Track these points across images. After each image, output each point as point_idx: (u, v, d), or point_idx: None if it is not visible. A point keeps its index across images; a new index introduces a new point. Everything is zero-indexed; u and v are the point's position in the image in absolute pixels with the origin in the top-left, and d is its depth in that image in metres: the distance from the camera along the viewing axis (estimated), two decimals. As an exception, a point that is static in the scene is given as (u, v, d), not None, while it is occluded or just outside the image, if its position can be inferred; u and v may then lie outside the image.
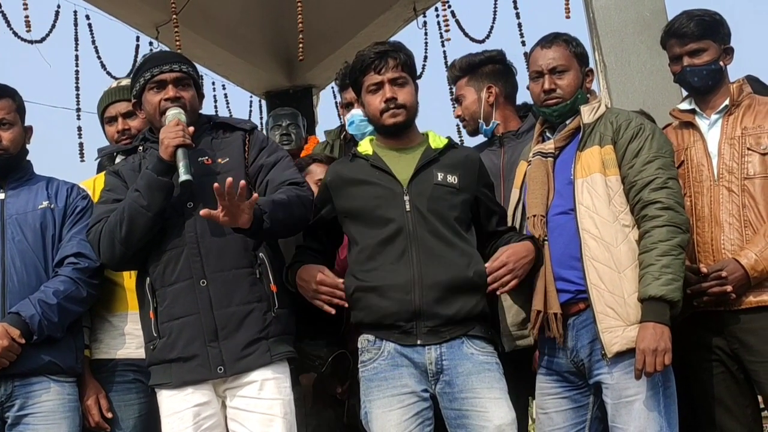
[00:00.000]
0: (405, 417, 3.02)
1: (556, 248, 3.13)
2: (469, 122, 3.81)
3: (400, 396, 3.03)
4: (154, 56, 3.40)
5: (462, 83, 3.82)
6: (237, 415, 3.08)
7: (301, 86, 7.08)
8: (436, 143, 3.24)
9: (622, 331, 3.00)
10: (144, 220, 3.08)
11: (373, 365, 3.08)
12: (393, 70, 3.17)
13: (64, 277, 3.24)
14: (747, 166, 3.30)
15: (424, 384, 3.05)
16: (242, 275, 3.11)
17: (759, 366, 3.21)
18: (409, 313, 3.04)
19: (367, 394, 3.09)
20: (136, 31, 6.54)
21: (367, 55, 3.18)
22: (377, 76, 3.17)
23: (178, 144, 3.06)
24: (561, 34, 3.32)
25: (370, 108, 3.21)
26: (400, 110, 3.17)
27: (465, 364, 3.04)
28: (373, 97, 3.19)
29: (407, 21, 6.79)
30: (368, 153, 3.23)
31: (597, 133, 3.19)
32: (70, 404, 3.22)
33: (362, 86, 3.23)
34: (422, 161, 3.18)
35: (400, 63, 3.18)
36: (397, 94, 3.16)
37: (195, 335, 3.07)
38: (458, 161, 3.21)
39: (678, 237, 3.03)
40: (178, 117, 3.13)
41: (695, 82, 3.41)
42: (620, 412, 3.03)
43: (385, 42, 3.31)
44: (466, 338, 3.06)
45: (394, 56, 3.17)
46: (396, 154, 3.21)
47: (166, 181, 3.07)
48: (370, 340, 3.11)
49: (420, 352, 3.04)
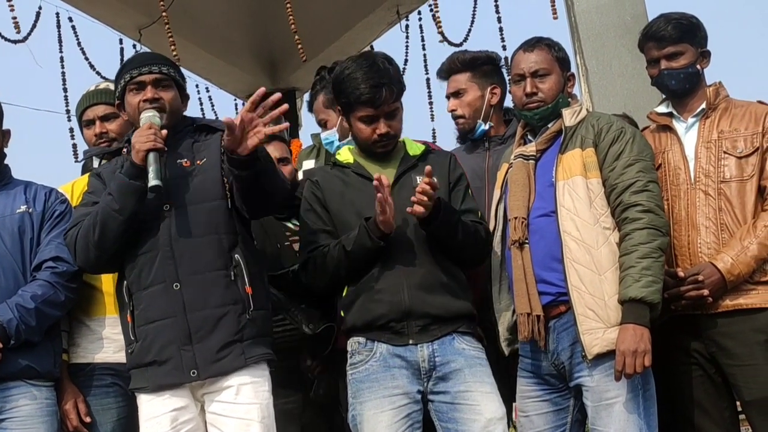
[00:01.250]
0: (396, 419, 3.03)
1: (537, 250, 3.14)
2: (468, 120, 3.76)
3: (392, 397, 3.05)
4: (134, 58, 3.39)
5: (463, 78, 3.77)
6: (215, 420, 3.07)
7: (285, 89, 7.05)
8: (413, 150, 3.29)
9: (603, 333, 3.01)
10: (116, 224, 3.07)
11: (365, 366, 3.10)
12: (389, 104, 3.16)
13: (42, 281, 3.22)
14: (723, 170, 3.32)
15: (416, 384, 3.08)
16: (217, 277, 3.09)
17: (736, 369, 3.23)
18: (400, 313, 3.07)
19: (357, 396, 3.10)
20: (119, 34, 6.53)
21: (362, 90, 3.12)
22: (372, 110, 3.15)
23: (149, 148, 3.04)
24: (543, 39, 3.33)
25: (361, 135, 3.22)
26: (392, 141, 3.22)
27: (457, 359, 3.07)
28: (365, 127, 3.19)
29: (390, 24, 6.80)
30: (349, 162, 3.26)
31: (578, 136, 3.20)
32: (48, 409, 3.20)
33: (351, 111, 3.19)
34: (402, 168, 3.21)
35: (395, 94, 3.17)
36: (391, 127, 3.18)
37: (170, 339, 3.06)
38: (435, 164, 3.23)
39: (658, 239, 3.05)
40: (151, 120, 3.11)
41: (673, 85, 3.43)
42: (600, 414, 3.04)
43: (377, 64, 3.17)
44: (456, 334, 3.10)
45: (390, 89, 3.14)
46: (376, 162, 3.24)
47: (137, 185, 3.06)
48: (361, 342, 3.13)
49: (413, 350, 3.08)
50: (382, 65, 3.17)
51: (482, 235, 3.19)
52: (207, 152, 3.20)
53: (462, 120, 3.77)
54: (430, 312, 3.08)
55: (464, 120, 3.76)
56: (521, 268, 3.14)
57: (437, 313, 3.08)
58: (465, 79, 3.77)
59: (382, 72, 3.15)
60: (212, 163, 3.16)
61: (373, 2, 6.63)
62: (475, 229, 3.17)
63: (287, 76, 7.03)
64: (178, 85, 3.26)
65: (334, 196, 3.22)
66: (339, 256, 3.11)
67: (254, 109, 2.95)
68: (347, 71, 3.18)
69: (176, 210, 3.11)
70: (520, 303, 3.13)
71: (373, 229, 3.06)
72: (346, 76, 3.17)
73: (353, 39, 6.81)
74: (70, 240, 3.16)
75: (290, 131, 5.39)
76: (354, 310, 3.13)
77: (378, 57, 3.23)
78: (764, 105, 3.41)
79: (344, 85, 3.18)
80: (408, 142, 3.32)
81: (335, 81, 3.26)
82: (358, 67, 3.16)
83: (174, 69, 3.27)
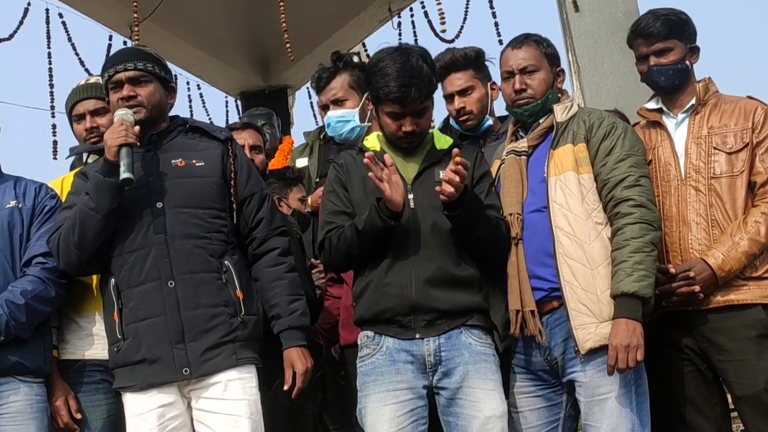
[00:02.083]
0: (399, 413, 3.03)
1: (529, 246, 3.14)
2: (476, 115, 3.76)
3: (396, 392, 3.05)
4: (113, 55, 3.36)
5: (468, 75, 3.77)
6: (202, 416, 3.07)
7: (277, 86, 7.07)
8: (441, 144, 3.26)
9: (596, 328, 3.01)
10: (94, 223, 3.07)
11: (371, 360, 3.10)
12: (417, 104, 3.12)
13: (33, 276, 3.21)
14: (713, 166, 3.32)
15: (422, 378, 3.07)
16: (210, 278, 3.11)
17: (728, 365, 3.23)
18: (406, 308, 3.07)
19: (363, 389, 3.11)
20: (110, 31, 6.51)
21: (391, 88, 3.08)
22: (399, 108, 3.12)
23: (121, 143, 3.04)
24: (531, 35, 3.33)
25: (387, 129, 3.19)
26: (417, 138, 3.19)
27: (463, 354, 3.06)
28: (391, 122, 3.16)
29: (382, 22, 6.80)
30: (375, 149, 3.23)
31: (570, 131, 3.20)
32: (39, 405, 3.19)
33: (380, 104, 3.16)
34: (427, 161, 3.20)
35: (425, 94, 3.13)
36: (417, 125, 3.15)
37: (161, 337, 3.05)
38: None
39: (650, 234, 3.05)
40: (123, 117, 3.12)
41: (662, 81, 3.43)
42: (593, 410, 3.04)
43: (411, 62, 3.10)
44: (464, 328, 3.09)
45: (419, 89, 3.10)
46: (402, 154, 3.22)
47: (111, 182, 3.05)
48: (369, 336, 3.13)
49: (419, 344, 3.07)
50: (416, 63, 3.11)
51: (503, 231, 3.16)
52: (205, 156, 3.21)
53: (470, 116, 3.77)
54: (438, 307, 3.07)
55: (472, 116, 3.77)
56: (514, 264, 3.14)
57: (445, 308, 3.07)
58: (470, 76, 3.78)
59: (414, 71, 3.09)
60: (212, 170, 3.19)
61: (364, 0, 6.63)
62: (497, 224, 3.15)
63: (279, 73, 7.02)
64: (160, 79, 3.24)
65: (356, 181, 3.21)
66: (352, 236, 3.10)
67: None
68: (381, 64, 3.14)
69: (171, 209, 3.11)
70: (512, 299, 3.13)
71: (383, 208, 3.04)
72: (378, 69, 3.13)
73: (345, 36, 6.81)
74: (53, 244, 3.16)
75: (282, 128, 5.39)
76: (363, 301, 3.14)
77: (413, 53, 3.15)
78: (754, 100, 3.41)
79: (376, 78, 3.14)
80: (437, 135, 3.30)
81: (369, 70, 3.22)
82: (392, 62, 3.11)
83: (153, 63, 3.24)
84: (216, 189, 3.18)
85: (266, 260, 3.21)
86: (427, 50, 3.24)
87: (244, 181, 3.22)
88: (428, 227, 3.10)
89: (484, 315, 3.15)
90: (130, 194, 3.11)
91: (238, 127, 3.99)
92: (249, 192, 3.22)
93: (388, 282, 3.08)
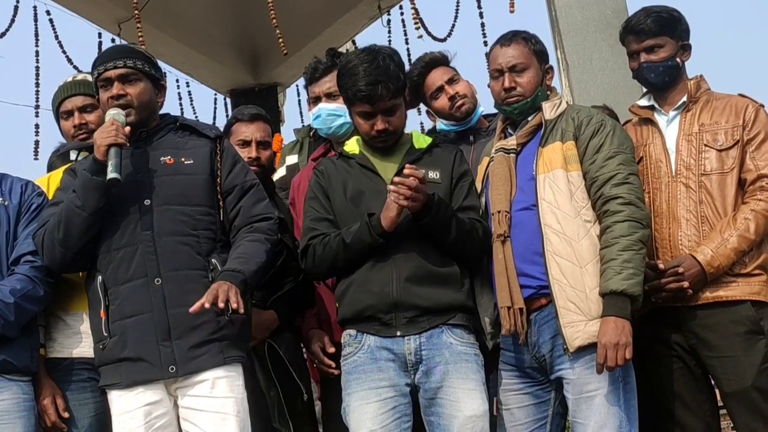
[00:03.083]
0: (382, 410, 3.04)
1: (518, 244, 3.14)
2: (470, 99, 3.81)
3: (378, 389, 3.06)
4: (103, 53, 3.36)
5: (449, 69, 3.84)
6: (189, 414, 3.06)
7: (267, 84, 7.05)
8: (419, 143, 3.29)
9: (584, 326, 3.01)
10: (80, 221, 3.06)
11: (354, 358, 3.12)
12: (385, 101, 3.16)
13: (21, 275, 3.19)
14: (704, 163, 3.33)
15: (404, 376, 3.09)
16: (197, 276, 3.09)
17: (716, 361, 3.24)
18: (387, 305, 3.08)
19: (347, 387, 3.12)
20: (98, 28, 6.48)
21: (359, 87, 3.14)
22: (368, 107, 3.17)
23: (110, 143, 3.04)
24: (520, 32, 3.33)
25: (361, 128, 3.24)
26: (391, 136, 3.22)
27: (443, 353, 3.07)
28: (363, 122, 3.21)
29: (372, 19, 6.80)
30: (355, 152, 3.28)
31: (559, 129, 3.20)
32: (26, 404, 3.17)
33: (351, 105, 3.22)
34: (406, 160, 3.21)
35: (392, 92, 3.16)
36: (389, 123, 3.19)
37: (147, 334, 3.04)
38: (440, 158, 3.26)
39: (639, 232, 3.06)
40: (114, 117, 3.11)
41: (652, 78, 3.44)
42: (581, 407, 3.05)
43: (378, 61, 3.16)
44: (446, 327, 3.10)
45: (387, 86, 3.14)
46: (380, 154, 3.25)
47: (99, 181, 3.05)
48: (352, 334, 3.15)
49: (400, 342, 3.09)
50: (383, 62, 3.17)
51: (479, 233, 3.18)
52: (194, 154, 3.20)
53: (466, 100, 3.80)
54: (419, 304, 3.08)
55: (467, 99, 3.81)
56: (502, 261, 3.14)
57: (426, 305, 3.08)
58: (451, 71, 3.85)
59: (380, 69, 3.15)
60: (200, 168, 3.17)
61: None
62: (471, 227, 3.17)
63: (269, 71, 7.00)
64: (150, 77, 3.23)
65: (337, 187, 3.23)
66: (338, 248, 3.13)
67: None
68: (349, 65, 3.21)
69: (158, 206, 3.10)
70: (501, 297, 3.13)
71: (375, 225, 3.07)
72: (347, 70, 3.20)
73: (335, 34, 6.80)
74: (38, 240, 3.15)
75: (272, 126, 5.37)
76: (345, 301, 3.15)
77: (381, 52, 3.22)
78: (745, 98, 3.43)
79: (345, 78, 3.21)
80: (416, 134, 3.34)
81: (339, 72, 3.28)
82: (360, 62, 3.18)
83: (143, 61, 3.23)
84: (204, 186, 3.17)
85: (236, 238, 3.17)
86: (396, 50, 3.30)
87: (225, 175, 3.20)
88: (409, 225, 3.11)
89: (467, 314, 3.16)
90: (119, 191, 3.10)
91: (246, 119, 3.73)
92: (230, 184, 3.20)
93: (370, 280, 3.10)
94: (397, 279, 3.08)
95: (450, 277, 3.13)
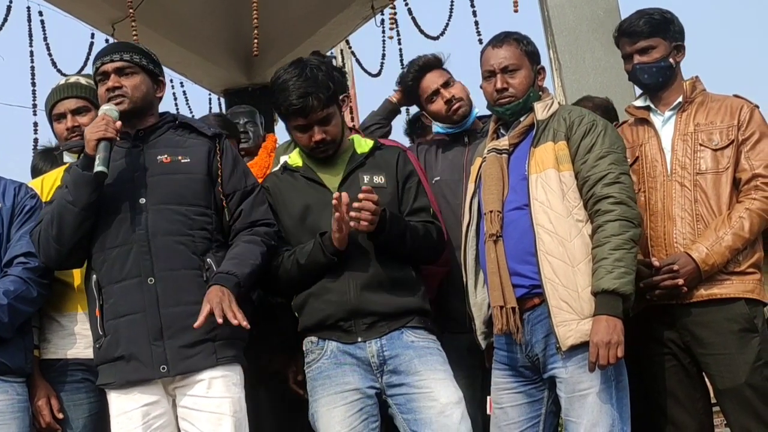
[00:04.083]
0: (349, 413, 3.06)
1: (510, 244, 3.14)
2: (466, 102, 3.82)
3: (344, 393, 3.08)
4: (102, 49, 3.37)
5: (443, 71, 3.84)
6: (187, 414, 3.06)
7: (260, 84, 7.03)
8: (361, 148, 3.31)
9: (576, 325, 3.02)
10: (72, 216, 3.06)
11: (317, 365, 3.14)
12: (318, 112, 3.17)
13: (15, 277, 3.19)
14: (699, 162, 3.35)
15: (369, 380, 3.10)
16: (191, 276, 3.09)
17: (710, 358, 3.26)
18: (346, 312, 3.11)
19: (313, 394, 3.14)
20: (92, 29, 6.47)
21: (291, 101, 3.15)
22: (303, 120, 3.19)
23: (99, 137, 3.04)
24: (512, 33, 3.34)
25: (300, 142, 3.27)
26: (330, 146, 3.24)
27: (407, 351, 3.10)
28: (301, 135, 3.23)
29: (365, 19, 6.79)
30: (298, 165, 3.30)
31: (550, 129, 3.21)
32: (20, 405, 3.17)
33: (287, 120, 3.24)
34: (349, 167, 3.24)
35: (324, 101, 3.17)
36: (326, 133, 3.21)
37: (139, 333, 3.04)
38: (383, 161, 3.28)
39: (630, 231, 3.06)
40: (106, 112, 3.11)
41: (645, 79, 3.46)
42: (574, 405, 3.06)
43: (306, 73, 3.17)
44: (405, 329, 3.13)
45: (318, 96, 3.15)
46: (324, 164, 3.27)
47: (89, 175, 3.05)
48: (314, 341, 3.17)
49: (362, 347, 3.11)
50: (311, 73, 3.17)
51: (434, 237, 3.22)
52: (191, 152, 3.20)
53: (462, 103, 3.81)
54: (377, 310, 3.11)
55: (463, 102, 3.82)
56: (495, 261, 3.14)
57: (384, 311, 3.11)
58: (446, 73, 3.85)
59: (309, 80, 3.16)
60: (198, 167, 3.17)
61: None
62: (426, 231, 3.20)
63: (263, 71, 6.98)
64: (148, 71, 3.23)
65: (283, 203, 3.26)
66: (292, 268, 3.16)
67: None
68: (279, 81, 3.21)
69: (153, 205, 3.10)
70: (494, 296, 3.14)
71: (328, 245, 3.10)
72: (278, 86, 3.21)
73: (328, 34, 6.80)
74: (35, 237, 3.16)
75: (266, 126, 5.37)
76: (305, 312, 3.18)
77: (308, 63, 3.22)
78: (740, 99, 3.45)
79: (276, 95, 3.22)
80: (357, 139, 3.35)
81: (270, 88, 3.29)
82: (289, 76, 3.19)
83: (141, 56, 3.23)
84: (201, 186, 3.17)
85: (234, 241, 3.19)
86: (327, 58, 3.34)
87: (227, 178, 3.21)
88: (360, 234, 3.12)
89: (424, 317, 3.19)
90: (114, 190, 3.11)
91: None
92: (232, 188, 3.21)
93: (328, 289, 3.12)
94: (354, 287, 3.11)
95: (405, 281, 3.16)
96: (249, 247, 3.13)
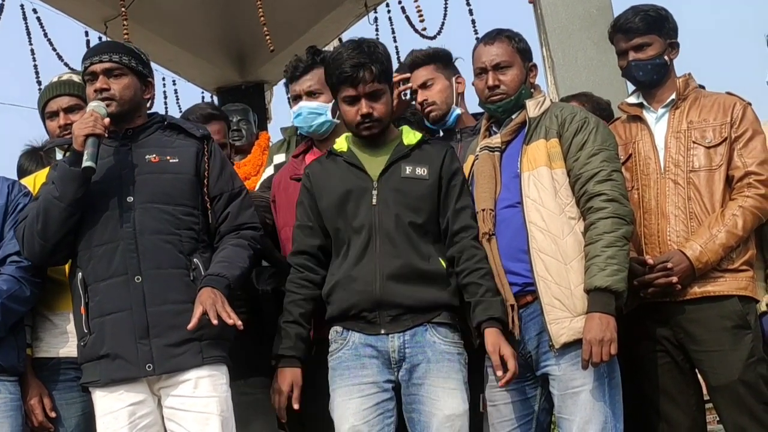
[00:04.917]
0: (364, 406, 3.06)
1: (503, 241, 3.15)
2: (440, 106, 3.77)
3: (361, 386, 3.08)
4: (91, 48, 3.37)
5: (429, 69, 3.78)
6: (173, 414, 3.05)
7: (253, 82, 7.04)
8: (408, 139, 3.27)
9: (569, 322, 3.03)
10: (57, 211, 3.05)
11: (338, 354, 3.14)
12: (369, 84, 3.16)
13: (7, 276, 3.18)
14: (692, 159, 3.35)
15: (387, 373, 3.10)
16: (178, 275, 3.08)
17: (703, 355, 3.27)
18: (371, 303, 3.09)
19: (332, 383, 3.14)
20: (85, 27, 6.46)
21: (343, 69, 3.15)
22: (353, 90, 3.17)
23: (87, 133, 3.04)
24: (504, 30, 3.34)
25: (346, 117, 3.24)
26: (375, 123, 3.20)
27: (426, 352, 3.08)
28: (348, 108, 3.20)
29: (358, 17, 6.79)
30: (343, 150, 3.27)
31: (542, 126, 3.21)
32: (13, 404, 3.16)
33: (337, 92, 3.23)
34: (393, 157, 3.22)
35: (376, 75, 3.16)
36: (373, 108, 3.18)
37: (125, 332, 3.03)
38: (429, 154, 3.24)
39: (622, 228, 3.07)
40: (94, 109, 3.11)
41: (640, 76, 3.46)
42: (566, 402, 3.06)
43: (363, 47, 3.18)
44: (429, 325, 3.11)
45: (370, 69, 3.15)
46: (370, 151, 3.25)
47: (76, 171, 3.04)
48: (338, 331, 3.16)
49: (383, 340, 3.10)
50: (368, 48, 3.19)
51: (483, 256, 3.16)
52: (179, 153, 3.19)
53: (434, 107, 3.77)
54: (402, 302, 3.09)
55: (436, 107, 3.77)
56: (488, 259, 3.14)
57: (409, 304, 3.09)
58: (431, 70, 3.79)
59: (364, 53, 3.16)
60: (186, 168, 3.17)
61: (340, -6, 6.62)
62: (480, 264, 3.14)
63: (256, 69, 6.99)
64: (137, 73, 3.22)
65: (323, 189, 3.24)
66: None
67: None
68: (335, 52, 3.23)
69: (141, 204, 3.09)
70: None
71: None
72: (334, 57, 3.22)
73: (322, 32, 6.80)
74: (18, 233, 3.14)
75: (259, 124, 5.37)
76: (332, 300, 3.17)
77: (367, 41, 3.24)
78: (733, 96, 3.45)
79: (331, 65, 3.22)
80: (405, 130, 3.32)
81: (326, 63, 3.30)
82: (345, 49, 3.20)
83: (130, 57, 3.22)
84: (188, 186, 3.16)
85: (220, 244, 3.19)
86: (383, 44, 3.31)
87: (215, 180, 3.21)
88: (392, 223, 3.12)
89: (452, 312, 3.16)
90: (102, 188, 3.10)
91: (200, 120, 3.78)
92: (219, 190, 3.21)
93: (355, 279, 3.11)
94: (381, 277, 3.09)
95: (435, 275, 3.12)
96: (237, 250, 3.13)
